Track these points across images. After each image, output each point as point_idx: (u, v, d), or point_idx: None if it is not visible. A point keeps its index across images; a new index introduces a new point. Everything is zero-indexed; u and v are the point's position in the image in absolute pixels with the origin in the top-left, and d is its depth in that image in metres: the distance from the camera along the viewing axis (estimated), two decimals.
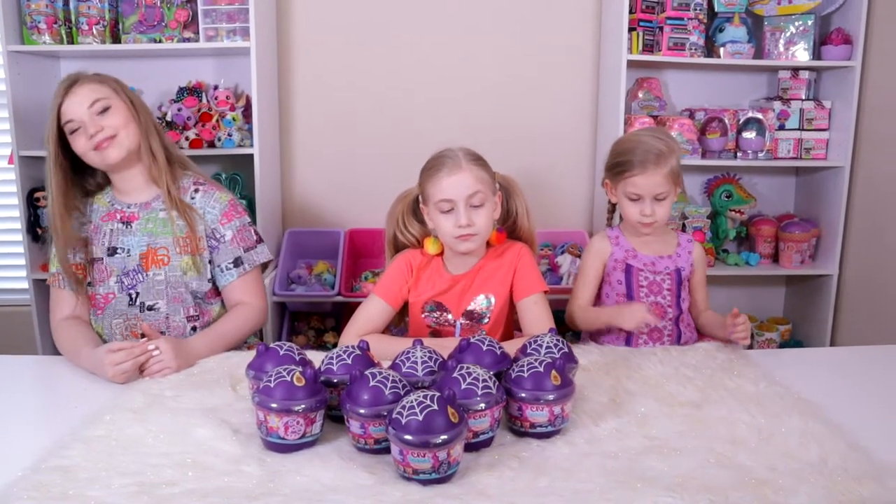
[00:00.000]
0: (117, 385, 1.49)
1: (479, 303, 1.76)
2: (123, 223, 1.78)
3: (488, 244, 1.78)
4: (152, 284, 1.76)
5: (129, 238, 1.77)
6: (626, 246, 1.85)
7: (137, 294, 1.76)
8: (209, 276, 1.81)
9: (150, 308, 1.76)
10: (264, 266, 1.91)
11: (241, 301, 1.82)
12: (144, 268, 1.76)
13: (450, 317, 1.76)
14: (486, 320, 1.76)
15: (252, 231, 1.86)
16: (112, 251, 1.76)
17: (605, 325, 1.83)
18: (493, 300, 1.75)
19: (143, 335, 1.63)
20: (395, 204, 1.85)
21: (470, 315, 1.76)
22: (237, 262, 1.81)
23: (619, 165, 1.80)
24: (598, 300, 1.92)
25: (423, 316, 1.77)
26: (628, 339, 1.85)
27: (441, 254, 1.78)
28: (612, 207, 1.98)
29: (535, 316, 1.73)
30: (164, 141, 1.82)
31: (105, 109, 1.71)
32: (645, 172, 1.74)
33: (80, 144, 1.70)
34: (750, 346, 2.99)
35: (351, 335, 1.70)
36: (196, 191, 1.82)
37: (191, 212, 1.78)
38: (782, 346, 3.02)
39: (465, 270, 1.77)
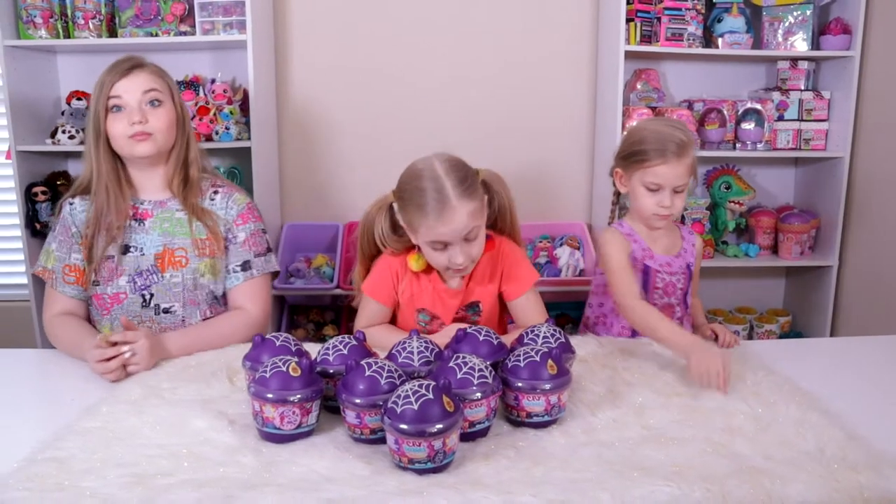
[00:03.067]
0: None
1: (467, 313, 1.73)
2: (136, 220, 1.73)
3: None
4: (168, 286, 1.71)
5: (143, 236, 1.72)
6: (643, 244, 1.80)
7: (152, 296, 1.71)
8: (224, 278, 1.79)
9: (166, 311, 1.72)
10: (274, 277, 1.85)
11: (241, 306, 1.76)
12: (160, 269, 1.71)
13: (437, 324, 1.74)
14: (475, 319, 1.74)
15: (264, 238, 1.82)
16: (125, 249, 1.71)
17: (668, 345, 1.58)
18: (480, 307, 1.73)
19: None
20: (374, 215, 1.68)
21: (459, 320, 1.73)
22: (245, 266, 1.77)
23: (637, 154, 1.72)
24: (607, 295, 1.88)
25: (415, 321, 1.74)
26: (634, 331, 1.83)
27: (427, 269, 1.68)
28: (617, 198, 1.95)
29: (530, 311, 1.73)
30: (195, 154, 1.78)
31: (157, 104, 1.69)
32: (668, 163, 1.68)
33: (118, 126, 1.66)
34: (749, 338, 3.01)
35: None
36: (215, 192, 1.79)
37: (210, 216, 1.75)
38: (782, 337, 3.02)
39: (457, 285, 1.70)
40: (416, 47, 2.96)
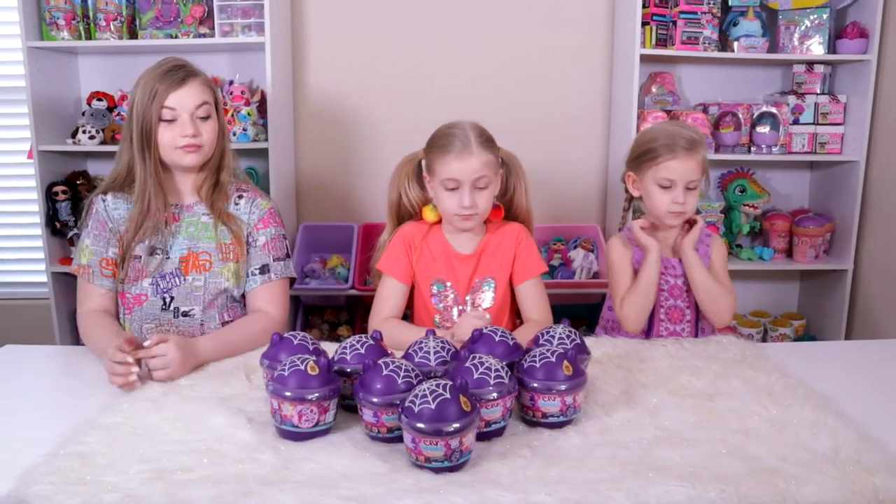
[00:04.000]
0: None
1: (481, 288, 1.78)
2: (163, 223, 1.73)
3: (485, 221, 1.80)
4: (190, 290, 1.72)
5: (170, 240, 1.73)
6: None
7: (172, 299, 1.72)
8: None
9: (185, 314, 1.72)
10: (291, 283, 1.86)
11: (261, 309, 1.77)
12: (184, 272, 1.72)
13: (452, 295, 1.78)
14: (489, 305, 1.78)
15: (284, 244, 1.83)
16: (151, 251, 1.72)
17: (655, 273, 1.75)
18: (493, 284, 1.78)
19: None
20: (401, 166, 1.87)
21: (473, 302, 1.78)
22: (263, 270, 1.78)
23: (649, 152, 1.75)
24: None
25: (431, 296, 1.79)
26: (647, 335, 1.83)
27: (439, 221, 1.81)
28: (629, 205, 1.96)
29: (532, 300, 1.79)
30: (228, 160, 1.79)
31: (206, 117, 1.71)
32: (678, 157, 1.71)
33: (168, 135, 1.67)
34: (763, 341, 3.00)
35: (378, 321, 1.74)
36: (240, 197, 1.80)
37: (235, 222, 1.76)
38: (796, 341, 3.00)
39: (469, 251, 1.79)
40: (432, 49, 2.97)
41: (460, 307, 1.78)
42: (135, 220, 1.70)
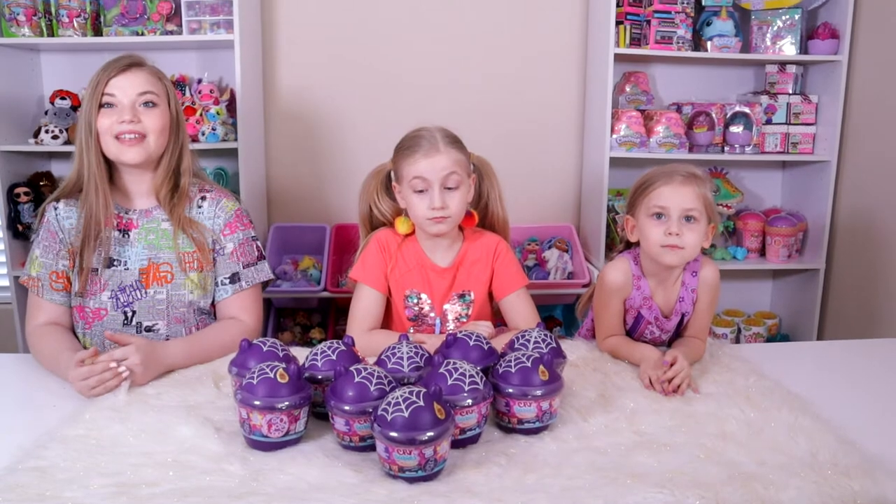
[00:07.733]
0: None
1: (458, 301, 1.75)
2: (120, 231, 1.65)
3: (460, 227, 1.77)
4: (152, 304, 1.64)
5: (128, 249, 1.65)
6: (646, 292, 1.65)
7: (134, 313, 1.64)
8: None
9: (149, 329, 1.64)
10: (265, 284, 1.80)
11: (234, 317, 1.71)
12: (144, 285, 1.64)
13: (427, 307, 1.74)
14: (464, 318, 1.75)
15: (254, 246, 1.75)
16: (109, 262, 1.64)
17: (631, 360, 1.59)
18: (472, 296, 1.75)
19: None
20: (369, 179, 1.82)
21: (450, 314, 1.75)
22: (234, 279, 1.71)
23: (643, 184, 1.61)
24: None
25: (405, 308, 1.75)
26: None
27: (412, 233, 1.76)
28: (625, 248, 1.76)
29: (520, 311, 1.74)
30: (187, 163, 1.70)
31: (151, 106, 1.63)
32: (671, 184, 1.56)
33: (105, 122, 1.59)
34: (736, 340, 3.02)
35: (359, 333, 1.65)
36: (203, 198, 1.71)
37: (197, 228, 1.67)
38: (769, 340, 3.03)
39: (446, 264, 1.75)
40: (405, 49, 2.94)
41: (437, 318, 1.75)
42: (81, 227, 1.62)
